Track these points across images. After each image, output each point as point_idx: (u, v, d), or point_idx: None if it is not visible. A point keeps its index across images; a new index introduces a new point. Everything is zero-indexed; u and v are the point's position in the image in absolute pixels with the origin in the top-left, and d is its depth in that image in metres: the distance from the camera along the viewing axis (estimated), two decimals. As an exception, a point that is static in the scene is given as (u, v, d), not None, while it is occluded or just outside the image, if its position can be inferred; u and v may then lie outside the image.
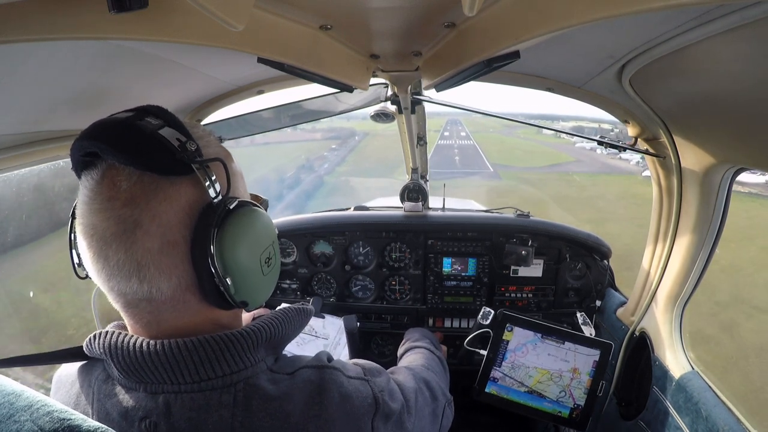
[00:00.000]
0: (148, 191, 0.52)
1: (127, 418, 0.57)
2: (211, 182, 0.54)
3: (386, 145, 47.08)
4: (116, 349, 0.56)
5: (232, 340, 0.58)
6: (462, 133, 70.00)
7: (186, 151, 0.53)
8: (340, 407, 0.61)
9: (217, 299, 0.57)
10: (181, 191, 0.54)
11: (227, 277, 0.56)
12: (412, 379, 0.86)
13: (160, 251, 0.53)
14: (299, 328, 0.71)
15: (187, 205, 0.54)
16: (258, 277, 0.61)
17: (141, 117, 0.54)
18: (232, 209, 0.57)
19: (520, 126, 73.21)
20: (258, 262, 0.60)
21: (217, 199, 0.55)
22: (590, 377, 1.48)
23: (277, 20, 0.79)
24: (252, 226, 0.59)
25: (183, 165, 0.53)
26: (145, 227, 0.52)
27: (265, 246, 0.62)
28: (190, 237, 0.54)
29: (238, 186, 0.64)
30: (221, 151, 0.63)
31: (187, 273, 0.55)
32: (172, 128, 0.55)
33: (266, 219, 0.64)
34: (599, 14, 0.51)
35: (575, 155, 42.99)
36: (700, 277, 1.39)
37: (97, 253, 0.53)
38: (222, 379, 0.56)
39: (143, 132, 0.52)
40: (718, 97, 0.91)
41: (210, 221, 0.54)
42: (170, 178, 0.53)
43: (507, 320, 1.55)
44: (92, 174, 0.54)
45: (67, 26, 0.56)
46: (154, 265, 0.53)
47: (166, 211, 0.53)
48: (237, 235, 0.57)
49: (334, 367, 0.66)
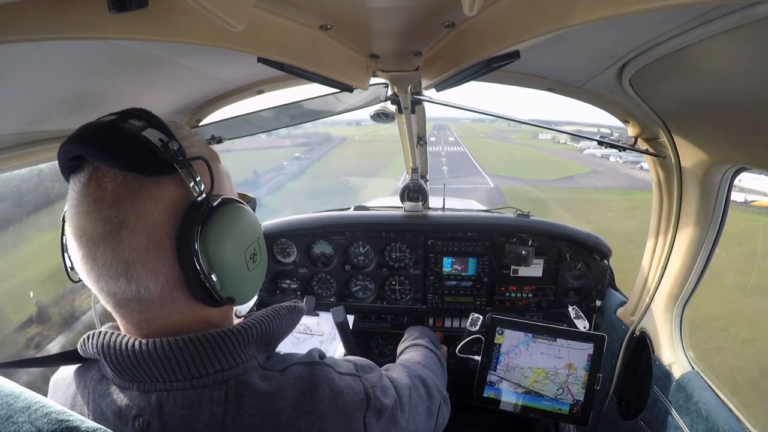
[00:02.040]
0: (133, 191, 0.53)
1: (121, 417, 0.57)
2: (194, 180, 0.56)
3: (360, 152, 42.21)
4: (109, 348, 0.57)
5: (222, 337, 0.58)
6: (450, 138, 62.65)
7: (168, 151, 0.54)
8: (332, 403, 0.61)
9: (204, 296, 0.58)
10: (165, 190, 0.55)
11: (212, 273, 0.57)
12: (406, 376, 0.86)
13: (147, 250, 0.54)
14: (291, 326, 0.72)
15: (171, 204, 0.55)
16: (243, 272, 0.62)
17: (124, 119, 0.55)
18: (216, 206, 0.58)
19: (513, 131, 68.15)
20: (243, 257, 0.61)
21: (201, 197, 0.56)
22: (586, 371, 1.48)
23: (277, 20, 0.79)
24: (236, 223, 0.60)
25: (166, 164, 0.54)
26: (131, 227, 0.53)
27: (249, 242, 0.63)
28: (175, 235, 0.55)
29: (223, 185, 0.65)
30: (205, 151, 0.63)
31: (174, 271, 0.56)
32: (154, 129, 0.56)
33: (251, 216, 0.65)
34: (599, 14, 0.51)
35: (589, 164, 34.72)
36: (700, 277, 1.39)
37: (86, 254, 0.54)
38: (213, 377, 0.57)
39: (126, 134, 0.53)
40: (718, 96, 0.91)
41: (194, 219, 0.55)
42: (154, 178, 0.54)
43: (496, 324, 1.55)
44: (79, 177, 0.55)
45: (67, 26, 0.56)
46: (141, 264, 0.54)
47: (151, 211, 0.54)
48: (220, 232, 0.57)
49: (325, 363, 0.66)
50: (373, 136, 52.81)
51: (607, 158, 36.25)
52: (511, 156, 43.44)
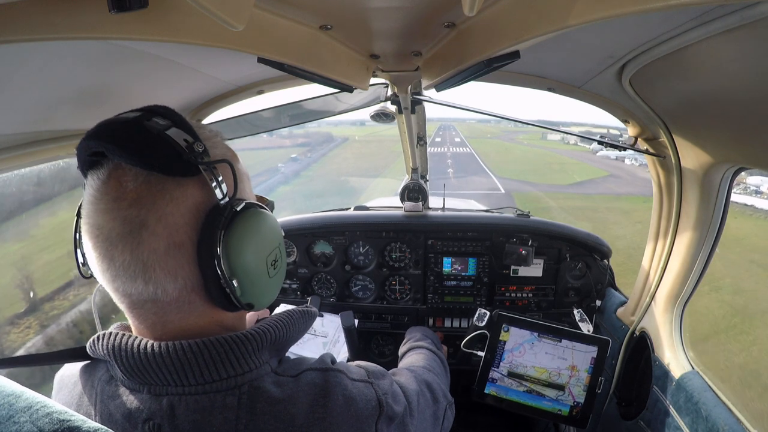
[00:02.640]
0: (155, 192, 0.52)
1: (130, 419, 0.56)
2: (218, 183, 0.54)
3: (361, 152, 39.46)
4: (120, 350, 0.56)
5: (237, 342, 0.58)
6: (456, 138, 61.00)
7: (193, 152, 0.53)
8: (345, 410, 0.61)
9: (222, 301, 0.57)
10: (188, 192, 0.54)
11: (233, 279, 0.56)
12: (414, 381, 0.86)
13: (166, 252, 0.53)
14: (303, 331, 0.71)
15: (193, 206, 0.54)
16: (264, 279, 0.61)
17: (148, 117, 0.54)
18: (239, 211, 0.57)
19: (520, 132, 66.42)
20: (265, 264, 0.60)
21: (224, 200, 0.55)
22: (589, 374, 1.48)
23: (277, 20, 0.79)
24: (259, 229, 0.59)
25: (190, 166, 0.53)
26: (151, 228, 0.52)
27: (271, 248, 0.62)
28: (196, 238, 0.54)
29: (244, 187, 0.63)
30: (228, 152, 0.63)
31: (193, 274, 0.55)
32: (179, 129, 0.54)
33: (273, 221, 0.64)
34: (599, 14, 0.51)
35: (604, 167, 32.26)
36: (700, 277, 1.39)
37: (103, 253, 0.53)
38: (227, 381, 0.56)
39: (151, 132, 0.52)
40: (718, 96, 0.91)
41: (217, 223, 0.54)
42: (177, 179, 0.53)
43: (503, 321, 1.55)
44: (98, 174, 0.53)
45: (67, 26, 0.56)
46: (159, 267, 0.53)
47: (172, 212, 0.53)
48: (244, 238, 0.56)
49: (338, 369, 0.66)
50: (375, 137, 50.97)
51: (623, 161, 33.32)
52: (521, 158, 40.84)
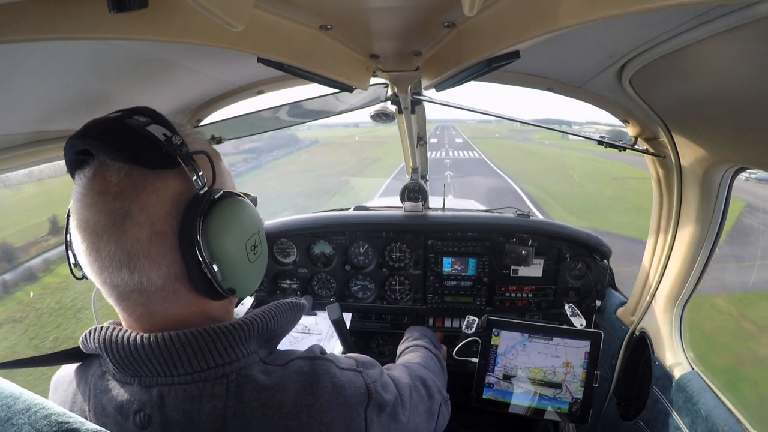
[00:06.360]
0: (137, 184, 0.55)
1: (122, 411, 0.58)
2: (196, 174, 0.57)
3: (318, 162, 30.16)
4: (111, 343, 0.58)
5: (224, 331, 0.59)
6: (457, 139, 47.35)
7: (172, 145, 0.56)
8: (333, 397, 0.62)
9: (206, 288, 0.59)
10: (168, 183, 0.57)
11: (214, 263, 0.58)
12: (407, 376, 0.87)
13: (149, 241, 0.55)
14: (293, 322, 0.72)
15: (174, 196, 0.57)
16: (244, 263, 0.63)
17: (129, 115, 0.57)
18: (217, 199, 0.59)
19: (533, 130, 60.44)
20: (244, 249, 0.62)
21: (203, 189, 0.58)
22: (584, 369, 1.48)
23: (277, 20, 0.79)
24: (237, 215, 0.62)
25: (169, 158, 0.56)
26: (134, 218, 0.54)
27: (250, 234, 0.64)
28: (177, 227, 0.56)
29: (225, 181, 0.67)
30: (208, 148, 0.65)
31: (176, 262, 0.57)
32: (158, 125, 0.57)
33: (251, 209, 0.66)
34: (599, 14, 0.51)
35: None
36: (700, 277, 1.39)
37: (90, 246, 0.55)
38: (215, 371, 0.58)
39: (132, 128, 0.55)
40: (718, 96, 0.91)
41: (196, 210, 0.56)
42: (157, 171, 0.56)
43: (492, 325, 1.55)
44: (85, 171, 0.56)
45: (67, 26, 0.57)
46: (143, 255, 0.55)
47: (154, 203, 0.55)
48: (222, 223, 0.59)
49: (326, 358, 0.67)
50: (346, 140, 44.09)
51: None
52: (553, 165, 27.89)
